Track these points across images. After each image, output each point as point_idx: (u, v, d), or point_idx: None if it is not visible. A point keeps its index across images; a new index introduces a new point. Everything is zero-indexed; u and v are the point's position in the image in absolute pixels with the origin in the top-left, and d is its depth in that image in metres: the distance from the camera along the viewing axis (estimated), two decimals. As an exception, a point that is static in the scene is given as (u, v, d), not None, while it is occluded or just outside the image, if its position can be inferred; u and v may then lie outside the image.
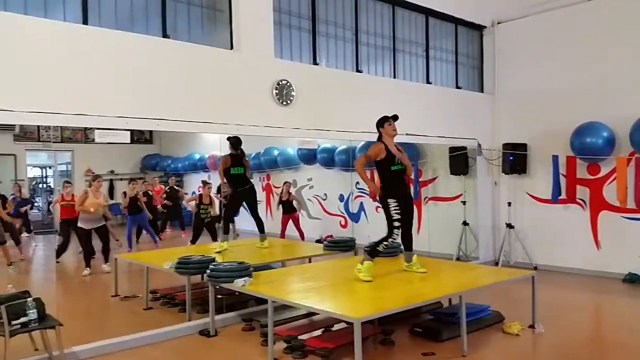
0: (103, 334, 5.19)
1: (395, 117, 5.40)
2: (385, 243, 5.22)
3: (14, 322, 4.11)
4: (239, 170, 7.19)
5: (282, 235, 10.05)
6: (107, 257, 8.30)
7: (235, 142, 7.11)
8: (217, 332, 5.41)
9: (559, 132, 8.24)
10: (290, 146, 11.40)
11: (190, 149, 13.75)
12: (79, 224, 8.22)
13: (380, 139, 5.42)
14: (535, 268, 8.23)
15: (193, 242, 9.27)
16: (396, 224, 5.22)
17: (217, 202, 9.79)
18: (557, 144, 8.27)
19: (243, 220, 8.44)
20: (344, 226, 11.21)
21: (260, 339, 5.10)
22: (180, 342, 5.24)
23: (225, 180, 7.19)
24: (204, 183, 9.93)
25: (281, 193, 10.25)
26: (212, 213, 9.49)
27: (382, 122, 5.41)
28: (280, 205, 10.22)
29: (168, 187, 11.92)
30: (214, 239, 9.18)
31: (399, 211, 5.22)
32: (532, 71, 8.77)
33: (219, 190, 9.77)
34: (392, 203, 5.24)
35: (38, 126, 12.71)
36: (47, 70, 4.68)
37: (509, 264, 8.78)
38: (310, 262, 7.09)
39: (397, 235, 5.25)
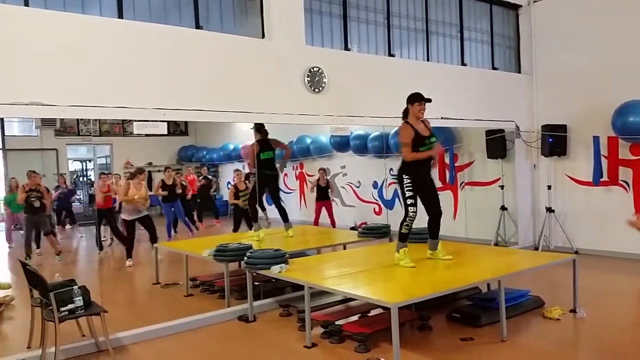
0: (146, 320, 5.33)
1: (428, 100, 5.22)
2: (405, 224, 5.15)
3: (62, 309, 4.25)
4: (268, 155, 7.22)
5: (316, 223, 10.09)
6: None
7: (257, 126, 7.08)
8: (256, 318, 5.50)
9: (599, 112, 7.96)
10: (323, 134, 11.40)
11: (224, 139, 13.94)
12: (122, 216, 8.36)
13: (406, 117, 5.27)
14: (577, 252, 8.04)
15: (235, 230, 9.41)
16: (409, 201, 5.12)
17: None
18: (598, 124, 8.01)
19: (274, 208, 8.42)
20: (378, 213, 11.18)
21: (297, 324, 5.16)
22: (220, 327, 5.35)
23: (254, 166, 7.26)
24: (236, 171, 10.06)
25: (318, 180, 10.28)
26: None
27: (412, 100, 5.18)
28: (315, 192, 10.25)
29: (202, 176, 12.10)
30: (250, 226, 9.28)
31: (411, 188, 5.11)
32: (570, 50, 8.49)
33: (247, 177, 9.90)
34: (405, 180, 5.13)
35: (77, 121, 13.12)
36: (87, 64, 4.80)
37: (549, 248, 8.61)
38: (345, 249, 7.11)
39: (413, 213, 5.12)
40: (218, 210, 12.80)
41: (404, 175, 5.16)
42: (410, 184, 5.13)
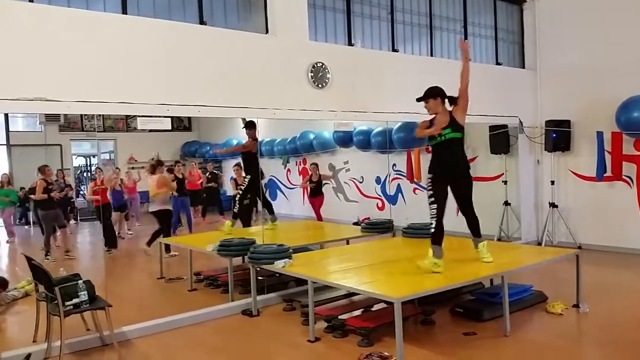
0: (150, 314, 5.37)
1: (418, 99, 5.22)
2: (431, 224, 5.09)
3: (67, 303, 4.29)
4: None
5: (319, 218, 10.09)
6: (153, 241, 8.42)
7: (251, 123, 7.13)
8: (259, 312, 5.53)
9: (603, 107, 7.95)
10: (327, 129, 11.39)
11: (227, 134, 13.90)
12: (156, 208, 8.34)
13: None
14: (580, 247, 8.04)
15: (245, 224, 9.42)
16: (429, 200, 5.07)
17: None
18: (602, 119, 7.99)
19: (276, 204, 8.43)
20: (381, 208, 11.19)
21: (301, 319, 5.19)
22: (224, 321, 5.38)
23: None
24: (235, 166, 10.07)
25: (311, 175, 10.28)
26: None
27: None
28: (308, 187, 10.24)
29: (208, 172, 12.06)
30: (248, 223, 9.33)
31: (431, 187, 5.06)
32: (575, 45, 8.46)
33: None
34: (428, 179, 5.13)
35: (81, 116, 13.16)
36: (91, 60, 4.81)
37: (552, 244, 8.60)
38: (348, 244, 7.13)
39: (434, 211, 4.99)
40: (223, 206, 12.66)
41: (428, 175, 5.15)
42: (430, 183, 5.11)
